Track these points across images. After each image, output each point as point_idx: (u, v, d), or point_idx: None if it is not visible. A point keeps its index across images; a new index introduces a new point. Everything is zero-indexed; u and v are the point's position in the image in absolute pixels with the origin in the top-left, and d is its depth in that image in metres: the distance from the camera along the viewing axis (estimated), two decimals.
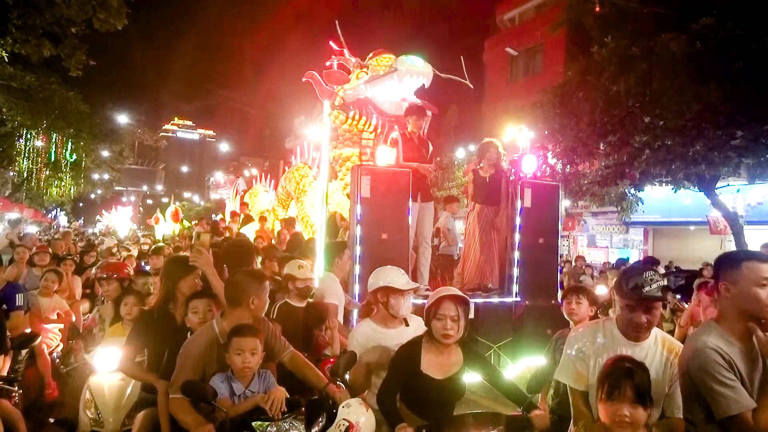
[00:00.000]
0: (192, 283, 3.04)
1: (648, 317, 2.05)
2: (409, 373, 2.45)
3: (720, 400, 1.78)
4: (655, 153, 9.33)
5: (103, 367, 3.44)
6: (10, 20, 9.38)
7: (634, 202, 12.19)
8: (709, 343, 1.86)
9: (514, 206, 5.75)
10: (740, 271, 1.88)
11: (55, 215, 34.69)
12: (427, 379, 2.44)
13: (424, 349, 2.49)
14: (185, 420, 2.26)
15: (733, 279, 1.89)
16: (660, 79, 8.36)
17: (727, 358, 1.83)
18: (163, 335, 2.86)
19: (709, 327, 1.97)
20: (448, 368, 2.50)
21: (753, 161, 9.08)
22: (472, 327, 5.16)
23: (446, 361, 2.50)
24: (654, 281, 2.00)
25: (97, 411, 3.27)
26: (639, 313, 2.04)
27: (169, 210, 16.95)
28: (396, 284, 2.79)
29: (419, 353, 2.48)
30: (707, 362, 1.82)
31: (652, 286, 1.99)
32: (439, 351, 2.50)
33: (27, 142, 19.30)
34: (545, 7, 23.16)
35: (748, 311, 1.87)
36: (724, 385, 1.78)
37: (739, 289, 1.87)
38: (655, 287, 1.99)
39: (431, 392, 2.45)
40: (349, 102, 6.84)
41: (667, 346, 2.14)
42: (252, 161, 56.59)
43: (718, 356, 1.82)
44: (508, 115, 13.67)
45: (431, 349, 2.50)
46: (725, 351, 1.84)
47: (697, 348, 1.88)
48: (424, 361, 2.47)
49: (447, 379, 2.48)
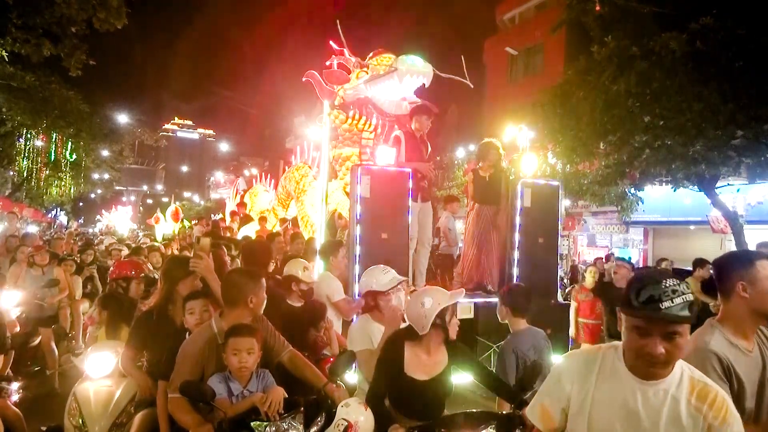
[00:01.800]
0: (191, 285, 3.04)
1: (668, 346, 1.43)
2: (393, 375, 2.40)
3: None
4: (655, 153, 9.32)
5: (96, 372, 3.24)
6: (10, 20, 9.37)
7: (634, 202, 12.18)
8: (710, 346, 1.84)
9: (514, 206, 5.75)
10: (756, 270, 1.86)
11: (55, 215, 34.66)
12: (412, 381, 2.39)
13: (407, 349, 2.44)
14: (184, 420, 2.26)
15: (750, 278, 1.87)
16: (660, 78, 8.35)
17: (725, 363, 1.81)
18: (161, 336, 2.86)
19: (711, 328, 1.94)
20: (433, 368, 2.45)
21: (753, 161, 9.07)
22: (472, 327, 5.20)
23: (430, 361, 2.45)
24: (678, 293, 1.42)
25: (82, 419, 3.08)
26: (655, 339, 1.43)
27: (169, 210, 16.96)
28: (378, 286, 2.78)
29: (402, 354, 2.42)
30: (704, 364, 1.80)
31: (674, 301, 1.40)
32: (421, 351, 2.44)
33: (27, 141, 19.27)
34: (545, 7, 23.15)
35: (765, 309, 1.86)
36: None
37: (758, 288, 1.85)
38: (680, 303, 1.41)
39: (416, 394, 2.40)
40: (349, 102, 6.84)
41: (698, 390, 1.49)
42: (252, 161, 56.58)
43: (716, 361, 1.81)
44: (508, 114, 13.65)
45: (414, 350, 2.44)
46: (725, 355, 1.82)
47: (699, 348, 1.86)
48: (408, 362, 2.41)
49: (432, 379, 2.43)
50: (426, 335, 2.39)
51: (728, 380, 1.80)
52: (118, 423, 3.06)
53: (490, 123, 20.60)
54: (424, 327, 2.36)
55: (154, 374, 2.84)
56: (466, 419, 2.27)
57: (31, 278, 5.89)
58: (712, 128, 8.29)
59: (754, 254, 1.95)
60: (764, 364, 1.89)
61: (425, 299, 2.39)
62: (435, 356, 2.46)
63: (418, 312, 2.38)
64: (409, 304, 2.47)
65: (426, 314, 2.35)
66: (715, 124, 8.24)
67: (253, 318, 2.55)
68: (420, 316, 2.37)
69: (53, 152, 20.55)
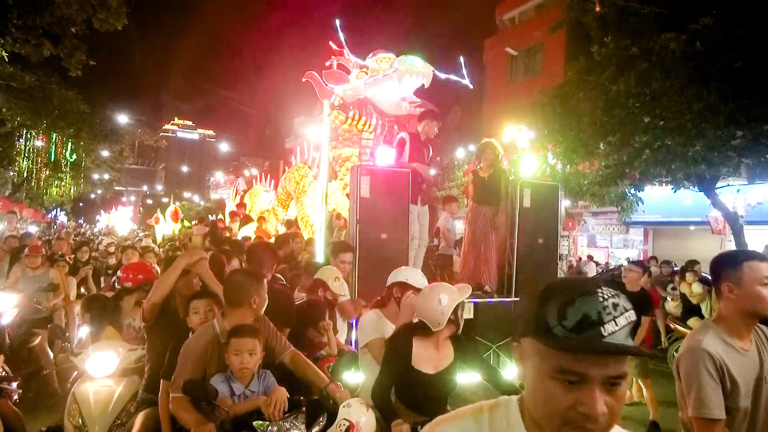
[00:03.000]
0: (189, 283, 3.05)
1: (609, 400, 0.83)
2: (400, 368, 2.46)
3: (694, 399, 1.81)
4: (655, 153, 9.32)
5: (98, 372, 3.21)
6: (10, 20, 9.38)
7: (634, 202, 12.17)
8: (703, 344, 1.87)
9: (513, 206, 5.75)
10: (742, 271, 1.88)
11: (55, 215, 34.67)
12: (419, 374, 2.45)
13: (414, 343, 2.50)
14: (186, 419, 2.26)
15: (736, 279, 1.89)
16: (660, 79, 8.36)
17: (718, 362, 1.83)
18: (167, 332, 2.86)
19: (706, 327, 1.97)
20: (440, 362, 2.51)
21: (753, 161, 9.07)
22: (472, 327, 5.20)
23: (437, 355, 2.52)
24: (620, 309, 0.84)
25: (82, 419, 3.07)
26: (593, 389, 0.82)
27: (169, 210, 16.97)
28: (413, 282, 2.87)
29: (410, 348, 2.49)
30: (696, 363, 1.83)
31: (618, 322, 0.83)
32: (430, 345, 2.51)
33: (27, 142, 19.31)
34: (545, 7, 23.15)
35: (752, 310, 1.87)
36: (701, 387, 1.81)
37: (743, 289, 1.87)
38: (625, 325, 0.84)
39: (423, 387, 2.46)
40: (349, 102, 6.85)
41: None
42: (252, 161, 56.52)
43: (709, 360, 1.83)
44: (508, 115, 13.66)
45: (422, 343, 2.50)
46: (719, 354, 1.84)
47: (692, 347, 1.89)
48: (415, 355, 2.48)
49: (439, 373, 2.49)
50: (438, 330, 2.47)
51: (720, 379, 1.82)
52: (118, 423, 3.06)
53: (490, 123, 20.61)
54: (441, 323, 2.44)
55: (156, 373, 2.84)
56: None
57: (28, 280, 5.79)
58: (712, 128, 8.29)
59: (744, 255, 1.96)
60: (761, 363, 1.90)
61: (442, 296, 2.46)
62: (442, 350, 2.54)
63: (435, 308, 2.44)
64: (424, 301, 2.52)
65: (443, 311, 2.42)
66: (715, 124, 8.25)
67: (255, 318, 2.56)
68: (437, 313, 2.43)
69: (53, 152, 20.59)
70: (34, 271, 5.87)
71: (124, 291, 3.76)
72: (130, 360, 3.31)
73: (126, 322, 3.68)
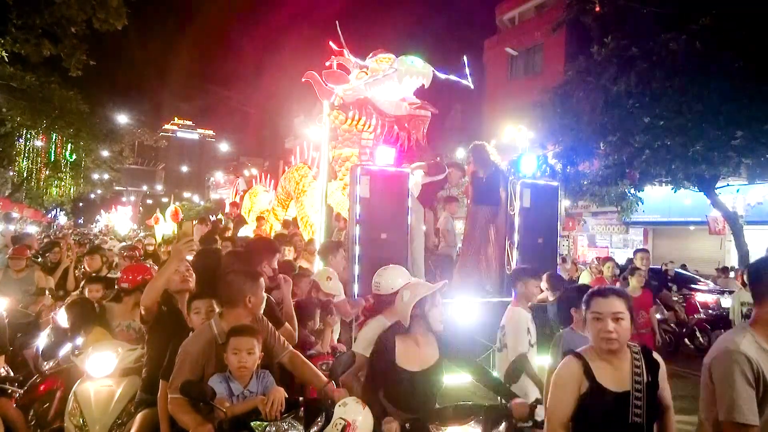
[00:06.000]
0: (177, 280, 3.05)
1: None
2: (385, 366, 2.48)
3: (728, 402, 1.76)
4: (655, 153, 9.33)
5: (98, 371, 3.19)
6: (10, 20, 9.37)
7: (634, 202, 12.18)
8: (741, 347, 1.83)
9: (513, 206, 5.75)
10: None
11: (55, 215, 34.68)
12: (403, 372, 2.47)
13: (398, 341, 2.53)
14: (184, 420, 2.26)
15: None
16: (660, 79, 8.37)
17: (755, 367, 1.79)
18: (166, 334, 2.86)
19: (743, 330, 1.93)
20: (424, 360, 2.53)
21: (753, 161, 9.07)
22: (472, 327, 5.20)
23: (421, 353, 2.54)
24: None
25: (82, 419, 3.06)
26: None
27: (168, 210, 16.95)
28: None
29: (393, 346, 2.52)
30: (732, 366, 1.79)
31: None
32: (411, 342, 2.53)
33: (27, 142, 19.30)
34: (545, 7, 23.15)
35: None
36: (736, 391, 1.76)
37: None
38: None
39: (408, 385, 2.47)
40: (349, 102, 6.83)
41: None
42: (252, 161, 56.53)
43: (746, 363, 1.79)
44: (508, 115, 13.68)
45: (405, 341, 2.53)
46: (755, 359, 1.81)
47: (728, 349, 1.85)
48: (399, 353, 2.50)
49: (423, 371, 2.50)
50: (411, 327, 2.52)
51: (756, 385, 1.78)
52: (119, 423, 3.06)
53: (490, 123, 20.62)
54: (405, 318, 2.51)
55: (154, 373, 2.83)
56: (456, 411, 2.38)
57: (11, 282, 5.60)
58: (712, 128, 8.30)
59: None
60: None
61: (404, 292, 2.58)
62: (425, 348, 2.56)
63: (400, 305, 2.56)
64: (398, 299, 2.62)
65: (404, 307, 2.52)
66: (715, 124, 8.25)
67: (252, 318, 2.56)
68: (401, 309, 2.54)
69: (53, 152, 20.58)
70: (17, 273, 5.68)
71: (123, 292, 3.74)
72: (129, 360, 3.30)
73: (125, 324, 3.65)
